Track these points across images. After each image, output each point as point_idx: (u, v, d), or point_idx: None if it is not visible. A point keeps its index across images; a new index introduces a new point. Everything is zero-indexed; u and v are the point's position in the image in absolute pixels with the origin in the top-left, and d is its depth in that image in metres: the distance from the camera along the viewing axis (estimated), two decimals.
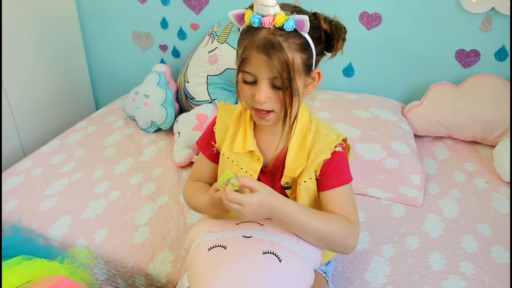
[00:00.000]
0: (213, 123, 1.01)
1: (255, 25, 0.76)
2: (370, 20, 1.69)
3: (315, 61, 0.82)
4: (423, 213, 1.29)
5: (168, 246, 1.21)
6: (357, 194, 1.38)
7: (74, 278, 0.99)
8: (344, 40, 0.83)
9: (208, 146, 1.01)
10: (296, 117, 0.86)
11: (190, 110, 1.76)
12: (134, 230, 1.27)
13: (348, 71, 1.82)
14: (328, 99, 1.63)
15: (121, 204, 1.38)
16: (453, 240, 1.19)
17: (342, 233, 0.84)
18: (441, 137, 1.68)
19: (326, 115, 1.53)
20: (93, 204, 1.37)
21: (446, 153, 1.58)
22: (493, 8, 1.52)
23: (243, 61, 0.79)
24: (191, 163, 1.56)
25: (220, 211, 0.90)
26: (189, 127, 1.59)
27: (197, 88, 1.74)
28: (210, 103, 1.71)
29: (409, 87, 1.78)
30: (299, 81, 0.80)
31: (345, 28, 0.83)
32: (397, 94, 1.80)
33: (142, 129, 1.81)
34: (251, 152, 0.92)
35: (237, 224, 0.89)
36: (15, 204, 1.38)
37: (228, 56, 1.66)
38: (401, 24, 1.66)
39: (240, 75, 0.82)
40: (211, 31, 1.79)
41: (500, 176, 1.43)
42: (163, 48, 2.09)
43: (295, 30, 0.76)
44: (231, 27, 1.71)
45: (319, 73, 0.85)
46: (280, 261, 0.79)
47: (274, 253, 0.80)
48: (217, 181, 0.85)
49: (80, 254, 1.08)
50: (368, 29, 1.71)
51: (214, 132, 1.00)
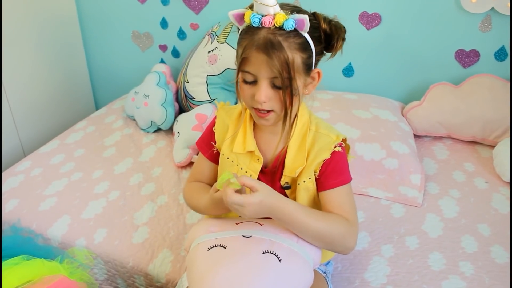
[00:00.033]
0: (213, 124, 1.00)
1: (255, 25, 0.76)
2: (370, 20, 1.69)
3: (315, 60, 0.82)
4: (422, 213, 1.29)
5: (167, 246, 1.21)
6: (357, 194, 1.38)
7: (73, 278, 0.99)
8: (343, 39, 0.83)
9: (208, 146, 1.01)
10: (296, 117, 0.86)
11: (190, 110, 1.76)
12: (133, 230, 1.27)
13: (348, 71, 1.82)
14: (328, 99, 1.63)
15: (120, 204, 1.37)
16: (452, 240, 1.19)
17: (341, 233, 0.84)
18: (440, 137, 1.68)
19: (326, 115, 1.53)
20: (93, 204, 1.37)
21: (445, 153, 1.58)
22: (492, 8, 1.52)
23: (243, 61, 0.79)
24: (191, 163, 1.56)
25: (221, 211, 0.90)
26: (188, 127, 1.59)
27: (197, 88, 1.74)
28: (210, 103, 1.71)
29: (408, 87, 1.78)
30: (299, 81, 0.80)
31: (344, 28, 0.83)
32: (396, 94, 1.80)
33: (141, 129, 1.81)
34: (251, 152, 0.92)
35: (236, 224, 0.89)
36: (14, 204, 1.38)
37: (228, 56, 1.66)
38: (401, 24, 1.66)
39: (240, 75, 0.82)
40: (211, 31, 1.79)
41: (499, 176, 1.43)
42: (163, 48, 2.09)
43: (295, 29, 0.76)
44: (230, 27, 1.71)
45: (319, 73, 0.85)
46: (279, 261, 0.79)
47: (273, 253, 0.80)
48: (217, 181, 0.85)
49: (79, 254, 1.08)
50: (368, 29, 1.71)
51: (214, 132, 1.00)
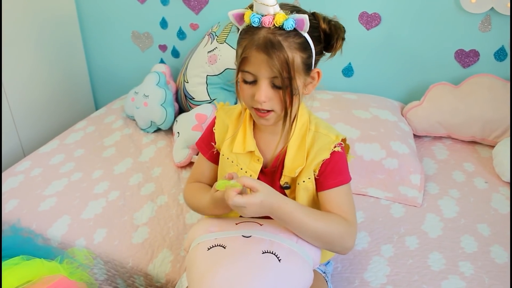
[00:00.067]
0: (213, 124, 1.00)
1: (255, 25, 0.76)
2: (369, 20, 1.69)
3: (315, 60, 0.83)
4: (422, 213, 1.29)
5: (167, 246, 1.21)
6: (356, 194, 1.38)
7: (73, 278, 0.99)
8: (343, 39, 0.83)
9: (207, 147, 1.01)
10: (295, 117, 0.86)
11: (189, 110, 1.76)
12: (133, 230, 1.27)
13: (347, 71, 1.82)
14: (327, 99, 1.63)
15: (120, 204, 1.37)
16: (452, 240, 1.19)
17: (339, 233, 0.84)
18: (440, 137, 1.68)
19: (325, 115, 1.53)
20: (93, 204, 1.37)
21: (445, 153, 1.58)
22: (492, 8, 1.52)
23: (243, 61, 0.79)
24: (191, 163, 1.56)
25: (222, 211, 0.90)
26: (188, 127, 1.59)
27: (196, 88, 1.74)
28: (209, 103, 1.71)
29: (408, 87, 1.78)
30: (299, 81, 0.80)
31: (344, 27, 0.83)
32: (396, 94, 1.80)
33: (141, 129, 1.81)
34: (251, 152, 0.92)
35: (236, 224, 0.89)
36: (14, 204, 1.38)
37: (227, 56, 1.66)
38: (401, 24, 1.66)
39: (240, 74, 0.82)
40: (210, 31, 1.79)
41: (499, 176, 1.43)
42: (163, 48, 2.09)
43: (295, 29, 0.76)
44: (230, 27, 1.71)
45: (318, 73, 0.85)
46: (279, 260, 0.79)
47: (273, 253, 0.80)
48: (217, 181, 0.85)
49: (79, 254, 1.08)
50: (367, 29, 1.71)
51: (213, 132, 1.00)
